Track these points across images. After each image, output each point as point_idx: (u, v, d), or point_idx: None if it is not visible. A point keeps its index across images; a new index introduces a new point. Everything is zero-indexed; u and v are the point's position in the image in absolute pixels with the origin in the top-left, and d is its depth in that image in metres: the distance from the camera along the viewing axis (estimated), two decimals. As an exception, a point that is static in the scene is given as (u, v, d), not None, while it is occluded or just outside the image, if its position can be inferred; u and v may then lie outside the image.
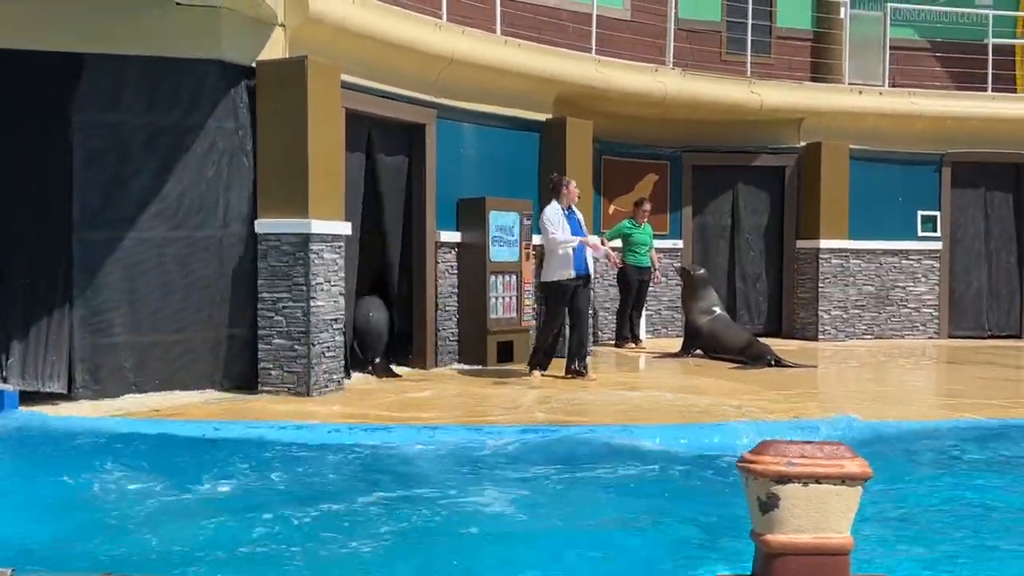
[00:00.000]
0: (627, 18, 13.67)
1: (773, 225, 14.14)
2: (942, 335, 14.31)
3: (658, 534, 5.05)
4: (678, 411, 8.02)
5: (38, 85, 7.72)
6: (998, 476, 6.35)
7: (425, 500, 5.55)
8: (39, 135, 7.72)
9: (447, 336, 10.35)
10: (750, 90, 13.18)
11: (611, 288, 13.14)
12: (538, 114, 11.29)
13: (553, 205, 9.39)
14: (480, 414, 7.69)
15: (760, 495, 3.04)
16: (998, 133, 14.18)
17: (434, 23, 9.94)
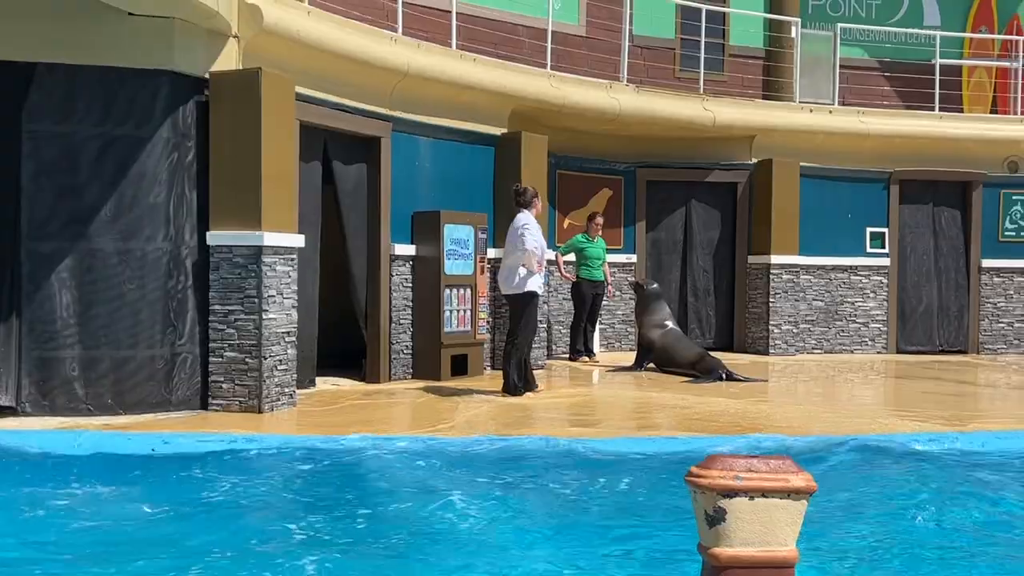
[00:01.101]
0: (582, 34, 13.80)
1: (725, 240, 14.29)
2: (890, 350, 14.53)
3: (611, 546, 5.08)
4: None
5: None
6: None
7: (380, 512, 5.54)
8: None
9: (401, 350, 10.33)
10: (703, 107, 13.33)
11: (565, 302, 13.20)
12: (494, 128, 11.33)
13: (529, 214, 9.28)
14: (431, 424, 7.69)
15: (707, 509, 3.08)
16: (945, 151, 14.46)
17: (389, 36, 9.95)
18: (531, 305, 9.20)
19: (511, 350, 9.23)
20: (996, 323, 14.80)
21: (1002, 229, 14.77)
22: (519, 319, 9.19)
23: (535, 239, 9.07)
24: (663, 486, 6.21)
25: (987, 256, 14.74)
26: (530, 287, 9.13)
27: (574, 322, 12.77)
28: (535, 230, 9.13)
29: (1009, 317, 14.81)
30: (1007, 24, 16.26)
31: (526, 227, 9.10)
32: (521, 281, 9.12)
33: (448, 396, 9.31)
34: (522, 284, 9.12)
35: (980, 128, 14.61)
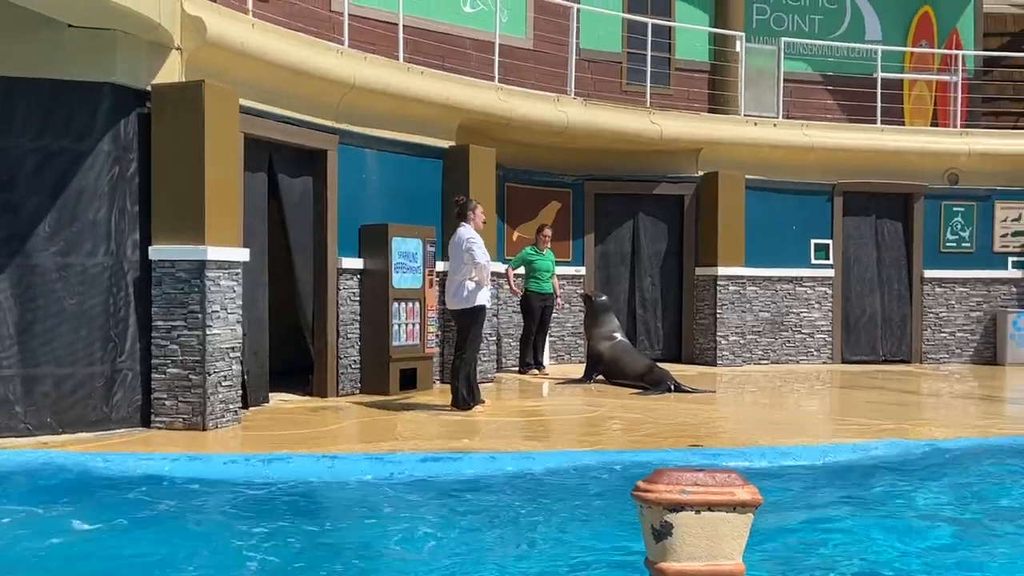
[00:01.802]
0: (530, 47, 13.83)
1: (673, 252, 14.38)
2: (835, 360, 14.70)
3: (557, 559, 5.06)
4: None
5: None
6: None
7: (326, 530, 5.47)
8: (-79, 158, 7.44)
9: (349, 364, 10.24)
10: (650, 120, 13.42)
11: (515, 315, 13.19)
12: (441, 141, 11.30)
13: (470, 228, 9.24)
14: (378, 440, 7.62)
15: (654, 523, 3.07)
16: (887, 164, 14.69)
17: (335, 49, 9.89)
18: (479, 319, 9.16)
19: (459, 364, 9.18)
20: (938, 333, 15.04)
21: (943, 240, 15.02)
22: (467, 333, 9.15)
23: (484, 252, 9.04)
24: (609, 500, 6.20)
25: (929, 267, 14.98)
26: (480, 301, 9.09)
27: (523, 335, 12.76)
28: (481, 243, 9.10)
29: (951, 327, 15.06)
30: (946, 38, 16.57)
31: (472, 241, 9.06)
32: (471, 295, 9.07)
33: (396, 411, 9.24)
34: (471, 298, 9.07)
35: (921, 141, 14.87)
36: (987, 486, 6.93)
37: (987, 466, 7.51)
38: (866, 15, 16.36)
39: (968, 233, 15.04)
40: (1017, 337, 14.70)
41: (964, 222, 15.02)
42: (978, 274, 15.03)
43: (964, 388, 12.17)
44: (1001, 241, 15.07)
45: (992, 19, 17.60)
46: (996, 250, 15.08)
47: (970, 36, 16.77)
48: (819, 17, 16.20)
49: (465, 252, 9.04)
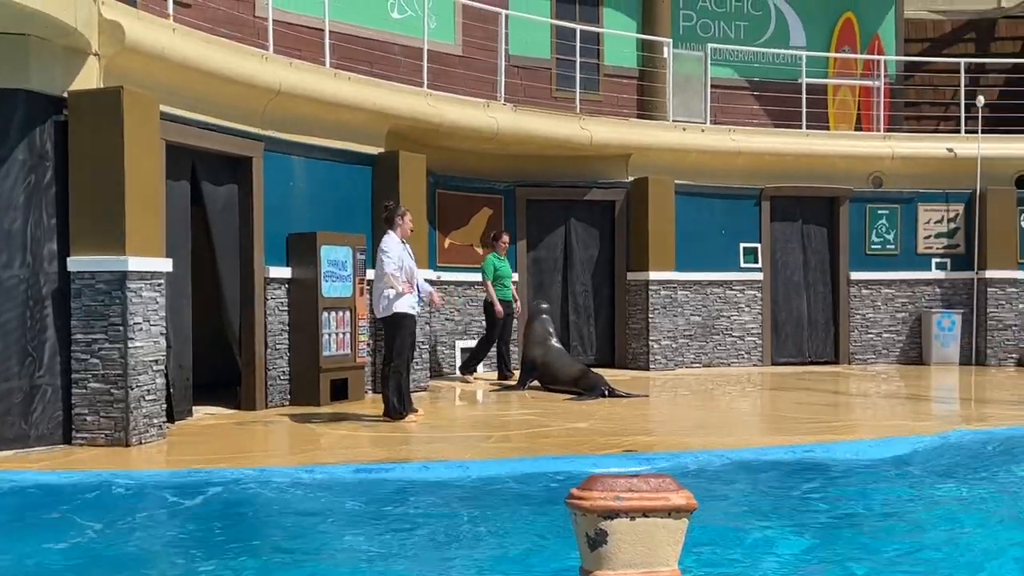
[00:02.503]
0: (459, 53, 13.77)
1: (604, 258, 14.40)
2: (765, 362, 14.85)
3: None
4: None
5: None
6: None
7: (252, 542, 5.33)
8: None
9: (278, 375, 10.05)
10: (580, 126, 13.43)
11: (448, 322, 13.09)
12: (371, 147, 11.16)
13: (391, 236, 9.13)
14: (308, 452, 7.47)
15: (589, 531, 3.01)
16: (813, 168, 14.89)
17: (260, 54, 9.71)
18: (403, 326, 9.03)
19: (388, 373, 9.06)
20: (865, 334, 15.27)
21: (869, 243, 15.26)
22: (393, 342, 9.04)
23: (393, 263, 8.90)
24: (543, 508, 6.14)
25: (855, 269, 15.21)
26: (399, 308, 8.96)
27: (485, 340, 12.61)
28: (394, 252, 8.96)
29: (878, 328, 15.30)
30: (869, 44, 16.88)
31: (383, 251, 8.95)
32: (390, 303, 8.94)
33: (327, 423, 9.08)
34: (391, 306, 8.95)
35: (845, 145, 15.12)
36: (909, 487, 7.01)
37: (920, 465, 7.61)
38: (790, 21, 16.59)
39: (892, 235, 15.30)
40: (941, 337, 14.99)
41: (888, 225, 15.28)
42: (903, 275, 15.29)
43: (891, 388, 12.35)
44: (924, 243, 15.36)
45: (912, 25, 17.98)
46: (920, 252, 15.36)
47: (891, 41, 17.10)
48: (744, 24, 16.39)
49: (379, 261, 8.97)
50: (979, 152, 14.87)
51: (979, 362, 14.93)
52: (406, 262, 9.05)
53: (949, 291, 15.29)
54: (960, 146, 15.13)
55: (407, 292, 8.98)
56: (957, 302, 15.21)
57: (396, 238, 9.12)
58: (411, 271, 9.11)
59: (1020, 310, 15.03)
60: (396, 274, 8.91)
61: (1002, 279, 14.99)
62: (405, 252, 9.12)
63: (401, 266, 8.98)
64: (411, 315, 9.09)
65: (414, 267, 9.23)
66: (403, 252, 9.08)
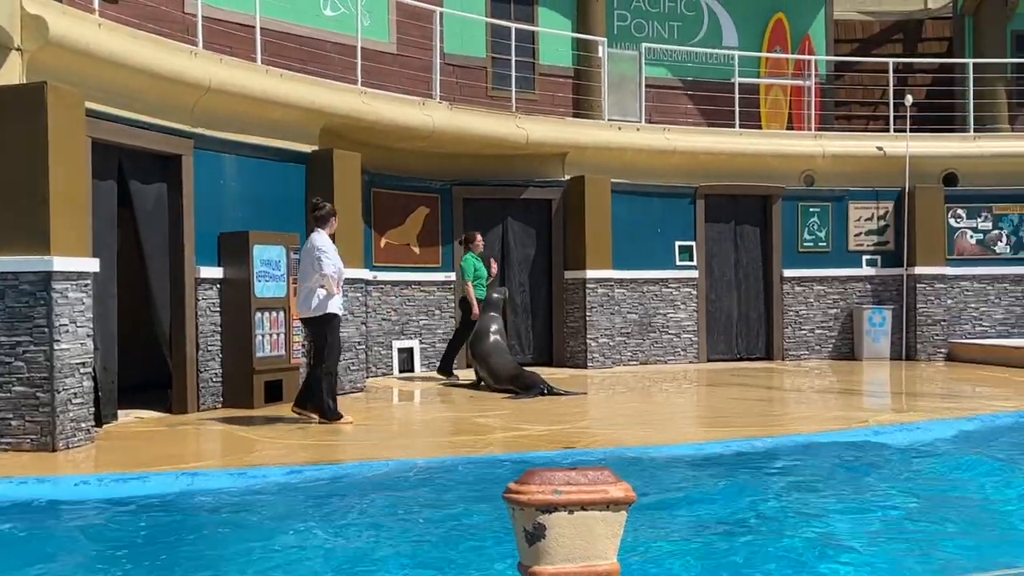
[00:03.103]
0: (393, 51, 13.66)
1: (542, 256, 14.40)
2: (701, 359, 14.96)
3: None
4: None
5: None
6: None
7: (184, 549, 5.20)
8: None
9: (210, 377, 9.86)
10: (516, 125, 13.41)
11: (385, 322, 12.97)
12: (304, 145, 11.01)
13: (324, 235, 8.97)
14: (242, 455, 7.33)
15: (526, 526, 2.96)
16: (746, 167, 15.04)
17: (188, 50, 9.53)
18: (335, 327, 8.91)
19: (322, 375, 8.92)
20: (799, 330, 15.46)
21: (801, 240, 15.46)
22: (323, 342, 8.87)
23: (332, 263, 8.77)
24: (481, 503, 6.09)
25: (788, 266, 15.39)
26: (331, 309, 8.82)
27: (457, 339, 12.53)
28: (331, 252, 8.84)
29: (810, 324, 15.51)
30: (799, 44, 17.11)
31: (321, 251, 8.78)
32: (321, 303, 8.78)
33: (261, 425, 8.92)
34: (323, 306, 8.79)
35: (778, 144, 15.30)
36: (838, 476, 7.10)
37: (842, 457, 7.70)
38: (723, 22, 16.75)
39: (824, 233, 15.52)
40: (872, 333, 15.24)
41: (820, 222, 15.50)
42: (834, 272, 15.52)
43: (824, 383, 12.52)
44: (855, 240, 15.60)
45: (842, 26, 18.29)
46: (851, 249, 15.60)
47: (822, 42, 17.35)
48: (678, 24, 16.51)
49: (316, 260, 8.78)
50: (908, 150, 15.15)
51: (909, 357, 15.21)
52: (338, 262, 8.94)
53: (879, 287, 15.55)
54: (889, 145, 15.40)
55: (337, 293, 8.86)
56: (887, 298, 15.48)
57: (328, 236, 8.98)
58: (341, 272, 9.00)
59: (948, 305, 15.34)
60: (334, 275, 8.78)
61: (931, 275, 15.28)
62: (337, 252, 9.01)
63: (336, 269, 8.85)
64: (339, 315, 8.97)
65: (343, 268, 9.11)
66: (336, 251, 8.97)
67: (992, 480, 6.91)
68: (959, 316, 15.40)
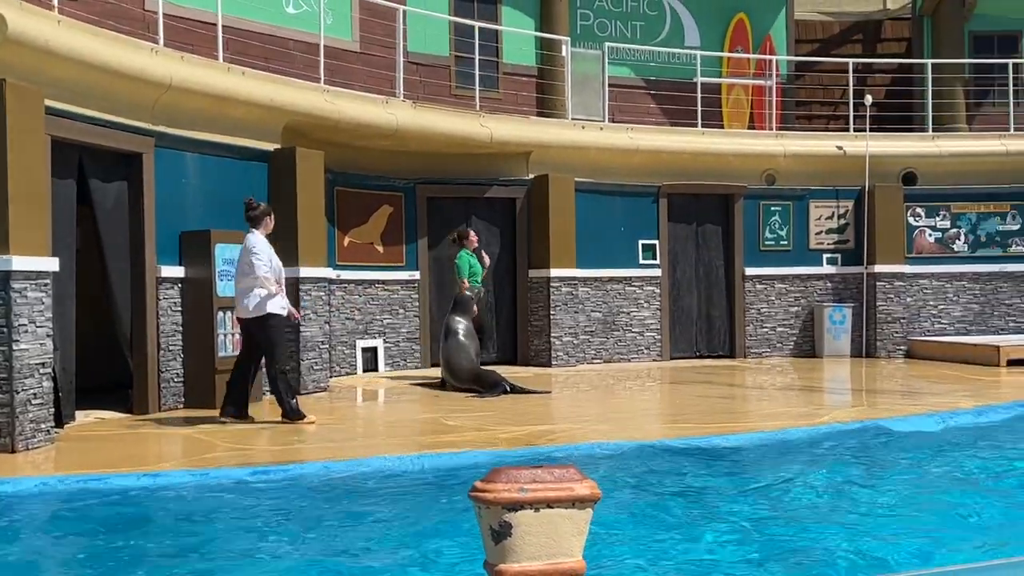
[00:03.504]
0: (356, 50, 13.60)
1: (506, 255, 14.41)
2: (664, 357, 15.05)
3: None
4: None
5: None
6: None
7: (147, 548, 5.16)
8: None
9: (171, 377, 9.78)
10: (480, 123, 13.41)
11: (348, 321, 12.92)
12: (266, 144, 10.95)
13: (258, 235, 8.81)
14: (203, 456, 7.28)
15: (492, 524, 2.98)
16: (708, 166, 15.15)
17: (149, 47, 9.44)
18: (272, 327, 8.77)
19: (276, 375, 8.83)
20: (760, 328, 15.60)
21: (762, 239, 15.59)
22: (267, 343, 8.77)
23: (264, 264, 8.66)
24: (449, 503, 6.09)
25: (750, 265, 15.52)
26: (270, 309, 8.70)
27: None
28: (264, 253, 8.72)
29: (772, 322, 15.64)
30: (761, 44, 17.25)
31: (253, 252, 8.68)
32: (260, 303, 8.67)
33: (223, 425, 8.85)
34: (261, 306, 8.68)
35: (739, 143, 15.42)
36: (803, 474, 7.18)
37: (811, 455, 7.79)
38: (685, 22, 16.85)
39: (785, 231, 15.66)
40: (833, 330, 15.40)
41: (781, 221, 15.64)
42: (796, 271, 15.67)
43: (786, 380, 12.63)
44: (816, 239, 15.76)
45: (803, 26, 18.46)
46: (812, 247, 15.76)
47: (783, 42, 17.51)
48: (640, 23, 16.59)
49: (248, 263, 8.69)
50: (867, 150, 15.33)
51: (869, 354, 15.39)
52: (275, 261, 8.84)
53: (840, 285, 15.72)
54: (849, 144, 15.57)
55: (277, 291, 8.75)
56: (848, 296, 15.65)
57: (263, 237, 8.85)
58: (279, 271, 8.90)
59: (908, 303, 15.54)
60: (269, 276, 8.68)
61: (890, 273, 15.47)
62: (273, 251, 8.89)
63: (271, 266, 8.75)
64: (280, 315, 8.83)
65: (281, 267, 9.00)
66: (272, 251, 8.86)
67: (953, 474, 7.04)
68: (918, 314, 15.61)
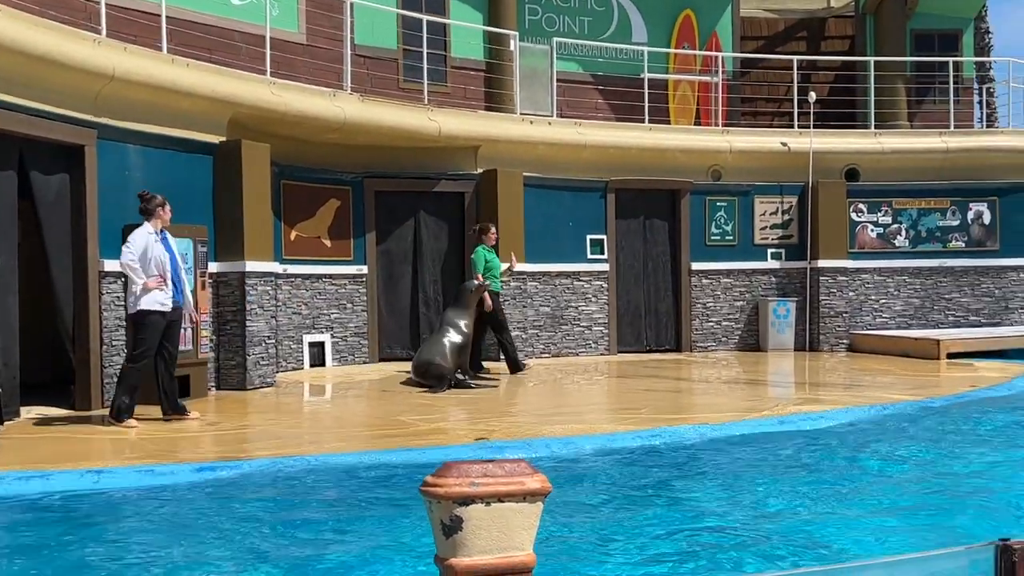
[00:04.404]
0: (303, 42, 13.49)
1: (454, 250, 14.38)
2: (612, 351, 15.14)
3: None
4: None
5: None
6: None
7: (89, 547, 5.08)
8: None
9: (115, 373, 9.59)
10: (428, 117, 13.36)
11: (294, 316, 12.82)
12: (211, 136, 10.82)
13: (142, 227, 8.53)
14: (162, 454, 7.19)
15: (443, 519, 2.97)
16: (655, 161, 15.25)
17: (92, 38, 9.29)
18: (146, 325, 8.40)
19: (126, 371, 8.48)
20: (706, 322, 15.75)
21: (708, 234, 15.74)
22: (135, 340, 8.52)
23: (130, 253, 8.32)
24: (400, 499, 6.08)
25: (696, 259, 15.66)
26: (144, 305, 8.35)
27: (474, 337, 12.27)
28: (137, 244, 8.36)
29: (718, 316, 15.80)
30: (707, 41, 17.41)
31: (126, 243, 8.38)
32: (136, 299, 8.39)
33: (168, 421, 8.73)
34: (135, 302, 8.40)
35: (686, 139, 15.54)
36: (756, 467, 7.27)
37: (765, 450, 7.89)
38: (632, 18, 16.95)
39: (731, 227, 15.83)
40: (777, 324, 15.60)
41: (727, 216, 15.80)
42: (741, 265, 15.84)
43: (731, 374, 12.77)
44: (761, 234, 15.95)
45: (748, 23, 18.65)
46: (756, 242, 15.94)
47: (728, 39, 17.68)
48: (588, 19, 16.65)
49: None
50: (811, 146, 15.54)
51: (812, 348, 15.61)
52: (155, 254, 8.44)
53: (784, 280, 15.93)
54: (793, 141, 15.77)
55: (155, 287, 8.40)
56: (791, 290, 15.86)
57: (147, 229, 8.50)
58: (163, 264, 8.48)
59: (850, 298, 15.78)
60: (133, 266, 8.30)
61: (833, 268, 15.70)
62: (159, 244, 8.52)
63: (150, 258, 8.37)
64: (158, 312, 8.44)
65: (167, 261, 8.54)
66: (153, 243, 8.46)
67: (891, 463, 7.17)
68: (860, 308, 15.87)
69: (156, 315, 8.44)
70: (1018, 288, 16.31)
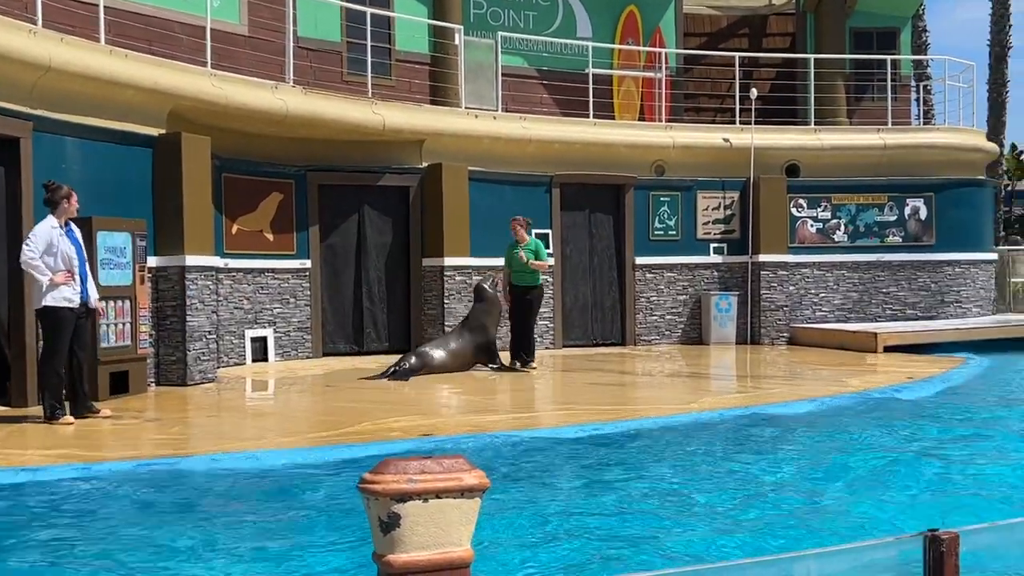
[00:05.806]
0: (245, 34, 13.36)
1: (399, 244, 14.34)
2: (557, 345, 15.20)
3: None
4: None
5: None
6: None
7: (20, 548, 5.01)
8: None
9: (52, 369, 9.45)
10: (372, 110, 13.30)
11: (237, 311, 12.69)
12: (151, 129, 10.66)
13: (46, 220, 8.18)
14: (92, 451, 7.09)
15: (381, 515, 2.97)
16: (600, 156, 15.33)
17: (27, 28, 9.11)
18: (51, 322, 8.16)
19: (45, 371, 8.30)
20: (650, 316, 15.88)
21: (652, 229, 15.86)
22: (44, 337, 8.33)
23: (32, 249, 7.99)
24: (332, 496, 6.06)
25: (640, 254, 15.77)
26: (49, 301, 8.06)
27: (513, 328, 12.60)
28: (39, 238, 8.05)
29: (661, 310, 15.94)
30: (651, 37, 17.52)
31: (27, 240, 8.12)
32: (40, 295, 8.10)
33: (105, 418, 8.60)
34: (39, 299, 8.12)
35: (630, 134, 15.65)
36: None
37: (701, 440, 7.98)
38: (577, 13, 17.00)
39: (674, 222, 15.96)
40: (719, 318, 15.77)
41: (670, 211, 15.93)
42: (684, 260, 15.99)
43: (674, 367, 12.90)
44: (703, 228, 16.11)
45: (692, 19, 18.81)
46: (699, 237, 16.10)
47: (672, 35, 17.81)
48: (533, 14, 16.68)
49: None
50: (752, 142, 15.72)
51: (754, 341, 15.82)
52: (62, 248, 8.13)
53: (726, 274, 16.11)
54: (735, 136, 15.95)
55: (62, 282, 8.11)
56: (733, 285, 16.05)
57: (51, 223, 8.22)
58: (70, 259, 8.18)
59: (790, 292, 16.01)
60: (34, 263, 8.02)
61: (774, 263, 15.91)
62: (64, 237, 8.21)
63: (56, 252, 8.10)
64: (64, 308, 8.15)
65: (74, 254, 8.24)
66: (58, 237, 8.15)
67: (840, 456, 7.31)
68: (800, 302, 16.10)
69: (65, 311, 8.17)
70: (953, 282, 16.66)
